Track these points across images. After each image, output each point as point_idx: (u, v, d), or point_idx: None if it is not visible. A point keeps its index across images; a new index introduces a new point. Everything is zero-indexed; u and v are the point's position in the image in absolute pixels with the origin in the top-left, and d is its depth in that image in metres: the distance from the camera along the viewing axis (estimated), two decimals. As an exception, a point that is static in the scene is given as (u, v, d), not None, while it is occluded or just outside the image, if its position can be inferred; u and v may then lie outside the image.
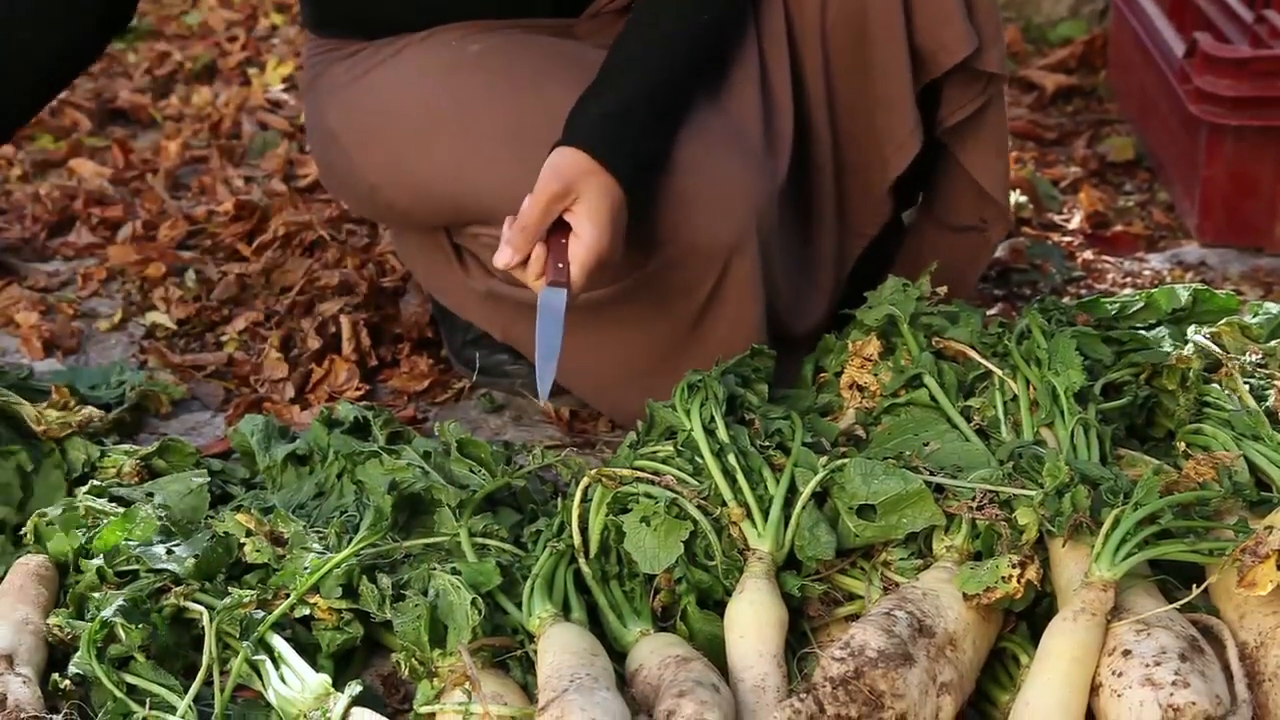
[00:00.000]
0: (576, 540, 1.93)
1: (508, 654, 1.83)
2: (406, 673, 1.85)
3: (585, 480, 1.95)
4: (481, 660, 1.79)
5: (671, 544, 1.86)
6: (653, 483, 1.93)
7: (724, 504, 1.89)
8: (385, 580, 1.92)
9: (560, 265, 2.00)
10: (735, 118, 2.22)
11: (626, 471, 1.96)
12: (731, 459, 1.93)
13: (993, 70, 2.30)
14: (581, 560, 1.92)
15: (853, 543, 1.88)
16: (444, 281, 2.51)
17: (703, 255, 2.16)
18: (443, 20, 2.32)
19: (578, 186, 1.99)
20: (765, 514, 1.88)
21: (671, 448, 1.99)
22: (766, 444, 1.98)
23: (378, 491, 2.03)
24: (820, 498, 1.91)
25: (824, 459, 1.93)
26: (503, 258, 1.98)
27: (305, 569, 1.94)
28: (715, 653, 1.81)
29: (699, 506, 1.90)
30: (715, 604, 1.88)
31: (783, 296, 2.32)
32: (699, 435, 1.96)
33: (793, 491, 1.90)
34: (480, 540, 1.98)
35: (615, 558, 1.92)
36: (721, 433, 1.97)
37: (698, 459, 1.95)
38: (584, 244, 1.99)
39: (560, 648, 1.75)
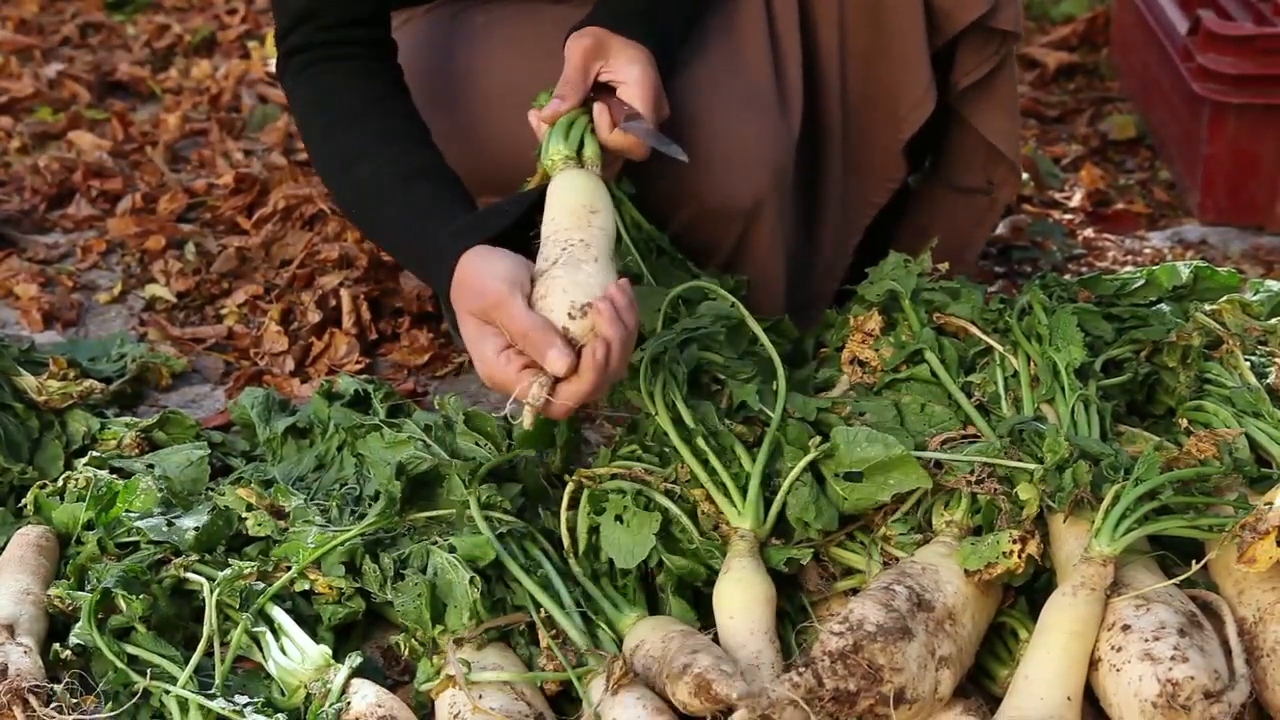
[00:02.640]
0: (566, 542, 1.94)
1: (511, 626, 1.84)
2: (407, 653, 1.86)
3: (570, 485, 1.97)
4: (483, 639, 1.80)
5: (644, 537, 1.87)
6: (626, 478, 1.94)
7: (699, 487, 1.90)
8: (387, 560, 1.92)
9: (625, 107, 1.97)
10: (747, 75, 2.21)
11: (604, 470, 1.97)
12: (700, 442, 1.93)
13: (1007, 28, 2.30)
14: (572, 559, 1.93)
15: (843, 508, 1.88)
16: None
17: (722, 217, 2.17)
18: None
19: (606, 47, 1.97)
20: (743, 491, 1.88)
21: (640, 445, 2.01)
22: (730, 419, 1.98)
23: (383, 473, 2.03)
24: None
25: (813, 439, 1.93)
26: (551, 108, 1.94)
27: (309, 544, 1.94)
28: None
29: (668, 492, 1.91)
30: (696, 591, 1.88)
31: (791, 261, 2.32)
32: (664, 422, 1.96)
33: (773, 464, 1.91)
34: (485, 513, 1.98)
35: (608, 556, 1.92)
36: (687, 417, 1.96)
37: (666, 449, 1.96)
38: (633, 82, 1.96)
39: (560, 205, 1.82)
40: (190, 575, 1.93)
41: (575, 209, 1.82)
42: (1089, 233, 3.15)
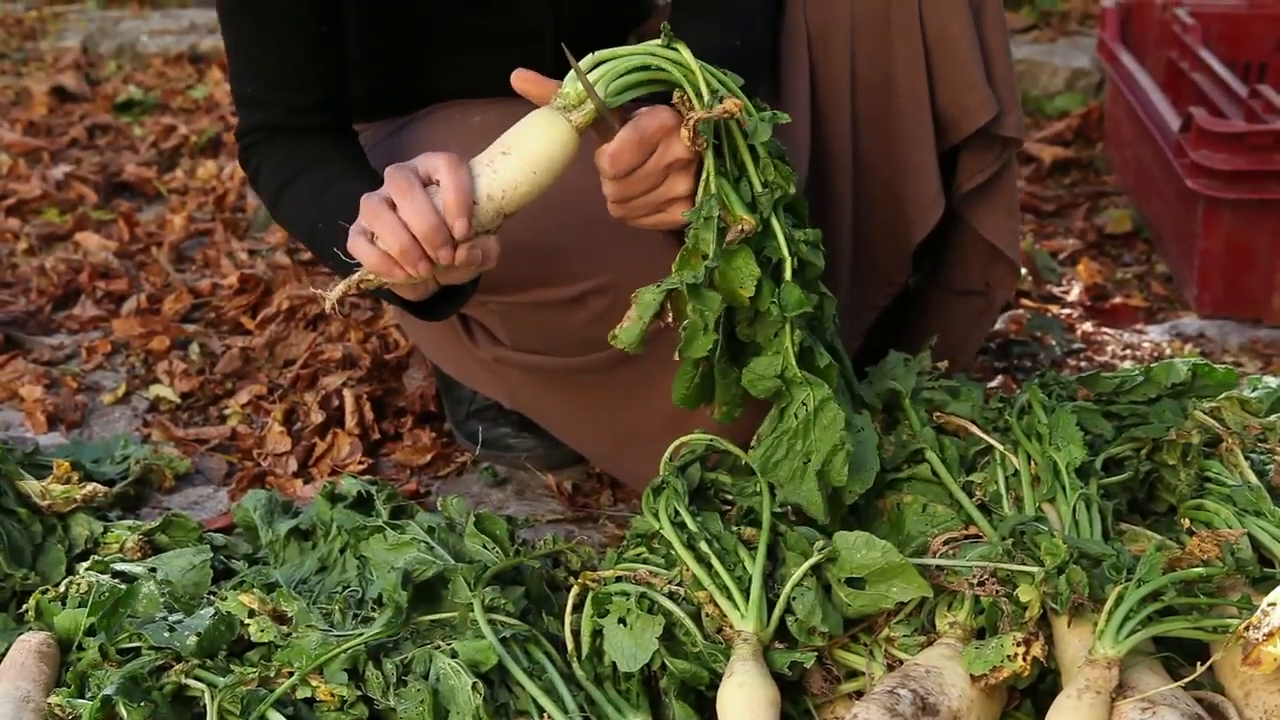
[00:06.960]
0: (570, 645, 1.94)
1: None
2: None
3: (575, 589, 1.97)
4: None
5: (646, 640, 1.86)
6: (631, 580, 1.94)
7: (703, 590, 1.90)
8: (389, 665, 1.91)
9: None
10: None
11: (609, 573, 1.97)
12: (703, 545, 1.93)
13: (1010, 135, 2.34)
14: (575, 663, 1.92)
15: (846, 613, 1.88)
16: (449, 351, 2.52)
17: None
18: (452, 97, 2.35)
19: None
20: (746, 594, 1.88)
21: (646, 549, 2.02)
22: (739, 525, 1.98)
23: (388, 579, 2.02)
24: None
25: (818, 541, 1.93)
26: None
27: (312, 650, 1.93)
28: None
29: (672, 595, 1.91)
30: (699, 695, 1.87)
31: None
32: (668, 530, 1.96)
33: (774, 565, 1.91)
34: (488, 616, 1.97)
35: (611, 659, 1.91)
36: (689, 522, 1.97)
37: (672, 553, 1.96)
38: None
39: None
40: (191, 681, 1.92)
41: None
42: (1087, 327, 3.17)
